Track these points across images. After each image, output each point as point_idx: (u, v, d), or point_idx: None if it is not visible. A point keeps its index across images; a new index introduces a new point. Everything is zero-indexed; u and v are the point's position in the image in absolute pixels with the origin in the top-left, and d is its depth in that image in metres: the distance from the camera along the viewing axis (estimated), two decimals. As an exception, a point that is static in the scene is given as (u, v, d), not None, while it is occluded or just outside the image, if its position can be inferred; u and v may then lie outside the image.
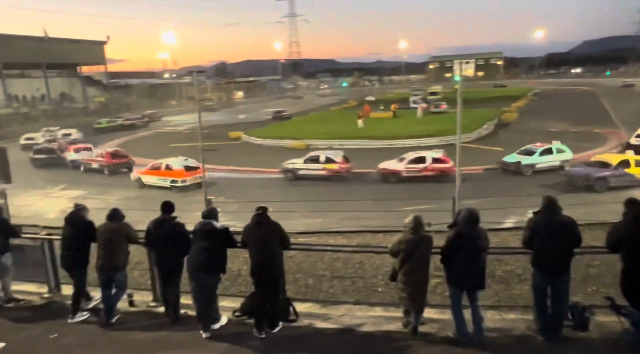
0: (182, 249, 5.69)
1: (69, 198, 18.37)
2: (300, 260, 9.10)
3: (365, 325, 5.63)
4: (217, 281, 5.72)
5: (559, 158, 20.39)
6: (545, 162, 20.21)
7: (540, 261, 4.97)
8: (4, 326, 6.03)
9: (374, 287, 7.83)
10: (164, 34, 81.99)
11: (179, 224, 5.86)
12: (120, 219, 6.12)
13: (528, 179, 19.09)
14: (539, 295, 5.07)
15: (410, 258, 4.99)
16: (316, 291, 7.75)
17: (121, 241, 6.02)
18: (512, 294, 7.21)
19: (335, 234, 11.44)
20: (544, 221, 4.94)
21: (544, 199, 5.05)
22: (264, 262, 5.39)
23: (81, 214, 6.27)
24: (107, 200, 16.65)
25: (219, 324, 5.72)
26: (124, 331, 5.82)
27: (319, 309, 6.24)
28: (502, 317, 5.72)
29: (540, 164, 20.09)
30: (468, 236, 4.94)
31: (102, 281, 6.05)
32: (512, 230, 11.01)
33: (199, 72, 20.99)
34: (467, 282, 5.02)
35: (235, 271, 8.47)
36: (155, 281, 6.52)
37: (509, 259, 8.37)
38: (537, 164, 20.04)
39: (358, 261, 8.88)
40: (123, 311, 6.30)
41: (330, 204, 14.02)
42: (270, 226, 5.48)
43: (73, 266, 6.23)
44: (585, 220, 10.17)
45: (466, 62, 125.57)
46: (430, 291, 5.66)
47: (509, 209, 12.27)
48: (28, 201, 16.98)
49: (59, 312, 6.44)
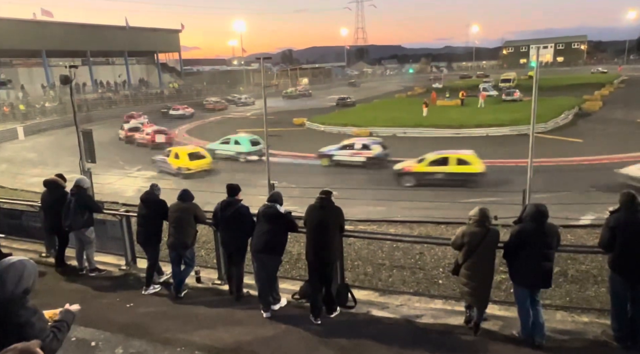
0: (246, 231, 5.91)
1: (145, 178, 19.68)
2: (359, 248, 9.11)
3: (424, 317, 5.53)
4: (278, 262, 5.88)
5: (234, 149, 22.76)
6: (223, 150, 22.98)
7: (621, 264, 4.58)
8: (87, 293, 6.62)
9: (435, 279, 7.67)
10: (234, 22, 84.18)
11: (243, 207, 6.07)
12: (190, 200, 6.45)
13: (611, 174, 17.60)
14: (617, 299, 4.69)
15: (474, 252, 4.81)
16: (375, 279, 7.72)
17: (190, 221, 6.35)
18: (587, 296, 6.73)
19: (396, 224, 11.30)
20: (624, 220, 4.53)
21: (622, 196, 4.63)
22: (320, 246, 5.46)
23: (155, 193, 6.69)
24: (178, 181, 17.63)
25: (279, 305, 5.90)
26: (191, 305, 6.17)
27: (377, 298, 6.23)
28: (574, 319, 5.37)
29: (219, 151, 22.88)
30: (533, 233, 4.65)
31: (172, 257, 6.45)
32: (589, 227, 10.27)
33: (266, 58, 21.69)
34: (529, 280, 4.75)
35: (295, 255, 8.66)
36: (220, 260, 6.84)
37: (583, 259, 7.82)
38: (216, 150, 22.82)
39: (418, 252, 8.73)
40: (191, 286, 6.69)
41: (393, 192, 13.85)
42: (332, 210, 5.52)
43: (147, 242, 6.68)
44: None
45: (544, 47, 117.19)
46: (494, 287, 5.44)
47: (587, 205, 11.42)
48: (110, 180, 18.36)
49: (134, 283, 6.97)
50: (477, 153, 17.61)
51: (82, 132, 13.04)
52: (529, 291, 4.81)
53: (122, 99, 54.41)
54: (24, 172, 21.77)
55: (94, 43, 59.00)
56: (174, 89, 65.69)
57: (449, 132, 27.61)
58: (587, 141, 23.70)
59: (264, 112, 14.35)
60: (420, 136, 27.56)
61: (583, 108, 34.95)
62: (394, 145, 25.59)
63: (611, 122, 28.65)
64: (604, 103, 37.25)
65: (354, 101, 50.34)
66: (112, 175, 19.66)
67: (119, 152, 26.83)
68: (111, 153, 26.40)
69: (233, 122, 40.52)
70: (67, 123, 36.00)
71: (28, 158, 27.30)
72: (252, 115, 45.02)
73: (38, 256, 8.02)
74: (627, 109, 34.36)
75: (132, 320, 5.72)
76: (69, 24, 58.28)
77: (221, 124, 40.45)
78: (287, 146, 24.54)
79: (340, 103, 49.28)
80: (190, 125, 40.09)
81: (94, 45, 59.14)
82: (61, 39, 54.74)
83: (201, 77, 79.88)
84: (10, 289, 2.65)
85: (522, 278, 4.79)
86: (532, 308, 4.81)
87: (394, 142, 26.90)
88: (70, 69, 11.47)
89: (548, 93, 40.05)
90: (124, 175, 21.09)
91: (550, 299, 6.25)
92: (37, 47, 52.88)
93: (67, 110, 41.34)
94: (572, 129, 28.03)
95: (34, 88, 52.31)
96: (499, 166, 19.28)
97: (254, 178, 18.34)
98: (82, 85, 54.60)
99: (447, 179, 16.38)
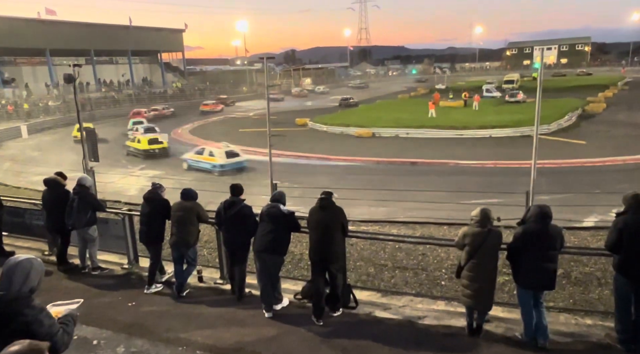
0: (249, 230, 5.90)
1: (148, 177, 19.70)
2: (362, 248, 9.09)
3: (426, 318, 5.51)
4: (280, 262, 5.87)
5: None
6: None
7: (627, 265, 4.55)
8: (90, 291, 6.62)
9: (437, 280, 7.64)
10: (238, 22, 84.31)
11: (247, 206, 6.06)
12: (192, 199, 6.44)
13: (615, 175, 17.53)
14: (622, 302, 4.66)
15: (476, 253, 4.78)
16: (377, 280, 7.70)
17: (192, 220, 6.34)
18: (590, 298, 6.69)
19: (398, 224, 11.27)
20: (632, 222, 4.50)
21: (630, 198, 4.60)
22: (323, 246, 5.45)
23: (158, 192, 6.68)
24: (181, 180, 17.63)
25: (281, 305, 5.89)
26: (193, 304, 6.16)
27: (379, 298, 6.21)
28: (578, 322, 5.34)
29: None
30: (536, 234, 4.63)
31: (174, 257, 6.45)
32: (592, 229, 10.22)
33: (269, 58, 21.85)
34: (533, 281, 4.72)
35: (298, 255, 8.65)
36: (223, 260, 6.83)
37: (587, 261, 7.78)
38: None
39: (421, 253, 8.70)
40: (193, 286, 6.68)
41: (396, 193, 13.80)
42: (334, 211, 5.51)
43: (150, 240, 6.67)
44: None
45: (547, 48, 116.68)
46: (497, 288, 5.41)
47: (591, 207, 11.38)
48: (112, 179, 18.38)
49: (136, 282, 6.97)
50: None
51: (86, 130, 13.06)
52: (533, 293, 4.78)
53: (125, 98, 54.56)
54: (27, 170, 21.83)
55: (98, 42, 59.26)
56: (177, 88, 65.83)
57: (452, 133, 27.56)
58: (591, 143, 23.61)
59: (267, 112, 14.34)
60: (422, 137, 27.52)
61: (587, 110, 34.86)
62: (397, 145, 25.63)
63: (615, 124, 28.53)
64: (607, 105, 37.13)
65: (356, 101, 50.33)
66: (115, 174, 19.69)
67: (123, 150, 26.87)
68: (114, 152, 26.48)
69: (235, 122, 40.57)
70: (70, 122, 36.14)
71: (31, 156, 27.39)
72: (255, 115, 45.03)
73: (41, 254, 8.02)
74: (631, 111, 34.27)
75: (134, 319, 5.72)
76: (72, 23, 58.57)
77: (223, 124, 40.51)
78: (289, 146, 24.54)
79: (343, 103, 49.27)
80: (192, 125, 40.12)
81: (97, 44, 59.40)
82: (65, 38, 55.00)
83: (204, 77, 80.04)
84: (17, 288, 2.64)
85: (525, 279, 4.76)
86: (536, 310, 4.78)
87: (397, 142, 26.93)
88: (74, 68, 11.48)
89: (552, 94, 39.91)
90: (127, 174, 21.12)
91: (553, 302, 6.22)
92: (41, 46, 53.13)
93: (70, 109, 41.50)
94: (576, 130, 27.95)
95: (37, 87, 52.58)
96: (502, 167, 19.25)
97: (258, 178, 18.37)
98: (86, 84, 54.79)
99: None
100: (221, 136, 29.45)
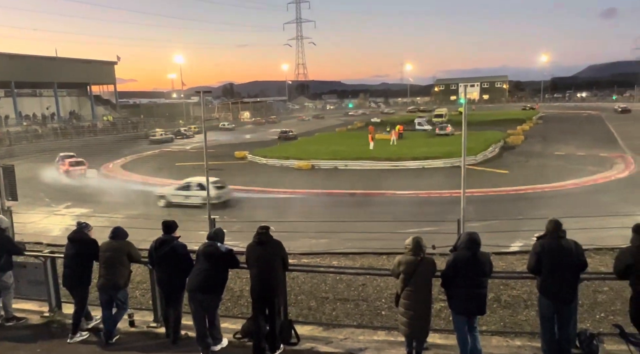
0: (183, 270, 5.66)
1: (74, 216, 18.42)
2: (302, 281, 9.01)
3: (367, 350, 5.52)
4: (218, 301, 5.67)
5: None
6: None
7: (547, 287, 4.88)
8: (3, 346, 5.97)
9: (377, 310, 7.72)
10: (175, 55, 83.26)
11: (179, 245, 5.83)
12: (122, 238, 6.11)
13: (535, 202, 18.95)
14: (545, 322, 4.97)
15: (410, 280, 4.93)
16: (319, 313, 7.64)
17: (123, 260, 5.99)
18: (518, 320, 7.06)
19: (339, 256, 11.34)
20: (549, 245, 4.87)
21: (548, 223, 4.99)
22: (264, 282, 5.36)
23: (84, 232, 6.27)
24: (111, 218, 16.68)
25: (220, 346, 5.64)
26: (123, 351, 5.75)
27: (320, 332, 6.15)
28: (509, 343, 5.59)
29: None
30: (467, 261, 4.87)
31: (102, 301, 6.02)
32: (518, 254, 10.88)
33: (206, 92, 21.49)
34: (466, 307, 4.93)
35: (237, 292, 8.40)
36: (156, 301, 6.47)
37: (514, 284, 8.25)
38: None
39: (361, 284, 8.78)
40: (123, 331, 6.24)
41: (335, 225, 13.94)
42: (272, 246, 5.45)
43: (75, 284, 6.20)
44: (592, 245, 10.05)
45: (471, 85, 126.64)
46: (434, 315, 5.56)
47: (516, 232, 12.14)
48: (33, 219, 17.01)
49: (58, 332, 6.39)
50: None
51: (3, 167, 12.10)
52: (466, 318, 4.97)
53: (49, 132, 51.31)
54: None
55: (19, 73, 55.74)
56: (109, 122, 63.09)
57: (387, 165, 28.59)
58: (512, 172, 25.48)
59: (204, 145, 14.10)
60: (360, 168, 28.27)
61: (507, 142, 37.77)
62: (336, 177, 26.08)
63: (532, 155, 31.04)
64: (525, 137, 40.50)
65: (296, 134, 50.97)
66: (37, 213, 18.26)
67: (45, 188, 25.04)
68: (36, 190, 24.58)
69: (171, 156, 39.42)
70: (-15, 157, 33.26)
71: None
72: (192, 148, 44.09)
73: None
74: (546, 142, 37.61)
75: (54, 373, 5.21)
76: (-10, 53, 54.86)
77: (160, 157, 39.20)
78: (228, 179, 24.13)
79: (283, 136, 49.67)
80: (124, 159, 38.42)
81: (19, 76, 55.84)
82: (-20, 68, 51.27)
83: (138, 110, 77.56)
84: None
85: (458, 305, 4.95)
86: (470, 334, 4.96)
87: (336, 174, 27.42)
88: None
89: (476, 127, 42.85)
90: (50, 213, 19.62)
91: (486, 325, 6.49)
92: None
93: (-14, 144, 38.29)
94: (499, 161, 30.12)
95: (-53, 120, 48.16)
96: (435, 197, 20.17)
97: (195, 213, 17.79)
98: (5, 118, 51.03)
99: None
100: (156, 171, 28.44)
